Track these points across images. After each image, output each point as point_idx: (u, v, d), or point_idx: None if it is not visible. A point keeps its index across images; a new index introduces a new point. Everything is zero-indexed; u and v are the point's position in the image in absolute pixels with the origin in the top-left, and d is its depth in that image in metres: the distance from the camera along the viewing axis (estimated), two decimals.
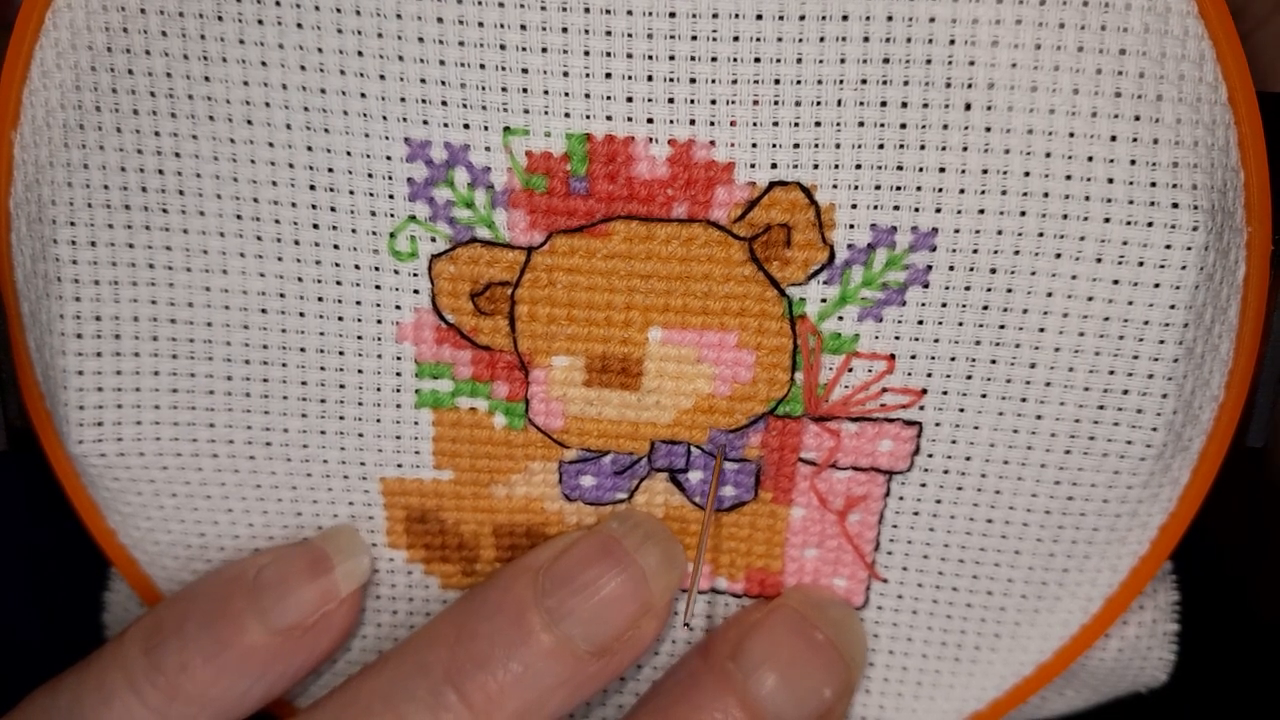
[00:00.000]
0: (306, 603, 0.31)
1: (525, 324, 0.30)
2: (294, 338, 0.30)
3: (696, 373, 0.30)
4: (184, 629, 0.30)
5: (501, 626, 0.30)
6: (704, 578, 0.33)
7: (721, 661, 0.31)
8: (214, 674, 0.30)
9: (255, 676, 0.31)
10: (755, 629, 0.32)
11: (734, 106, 0.27)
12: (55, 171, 0.29)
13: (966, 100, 0.27)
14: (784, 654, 0.31)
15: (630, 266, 0.29)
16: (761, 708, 0.30)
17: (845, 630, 0.32)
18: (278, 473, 0.32)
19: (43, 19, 0.28)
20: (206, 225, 0.29)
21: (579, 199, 0.28)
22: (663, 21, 0.26)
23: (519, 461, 0.32)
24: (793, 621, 0.32)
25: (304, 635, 0.31)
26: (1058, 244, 0.28)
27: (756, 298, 0.29)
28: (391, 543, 0.33)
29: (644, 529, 0.31)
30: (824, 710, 0.31)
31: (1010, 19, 0.26)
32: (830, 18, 0.26)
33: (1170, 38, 0.26)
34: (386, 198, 0.28)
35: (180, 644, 0.30)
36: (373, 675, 0.30)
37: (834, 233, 0.28)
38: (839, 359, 0.30)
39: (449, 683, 0.29)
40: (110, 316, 0.30)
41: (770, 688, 0.31)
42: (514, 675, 0.29)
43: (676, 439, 0.31)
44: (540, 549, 0.32)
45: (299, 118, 0.28)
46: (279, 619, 0.31)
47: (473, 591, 0.32)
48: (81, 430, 0.31)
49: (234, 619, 0.31)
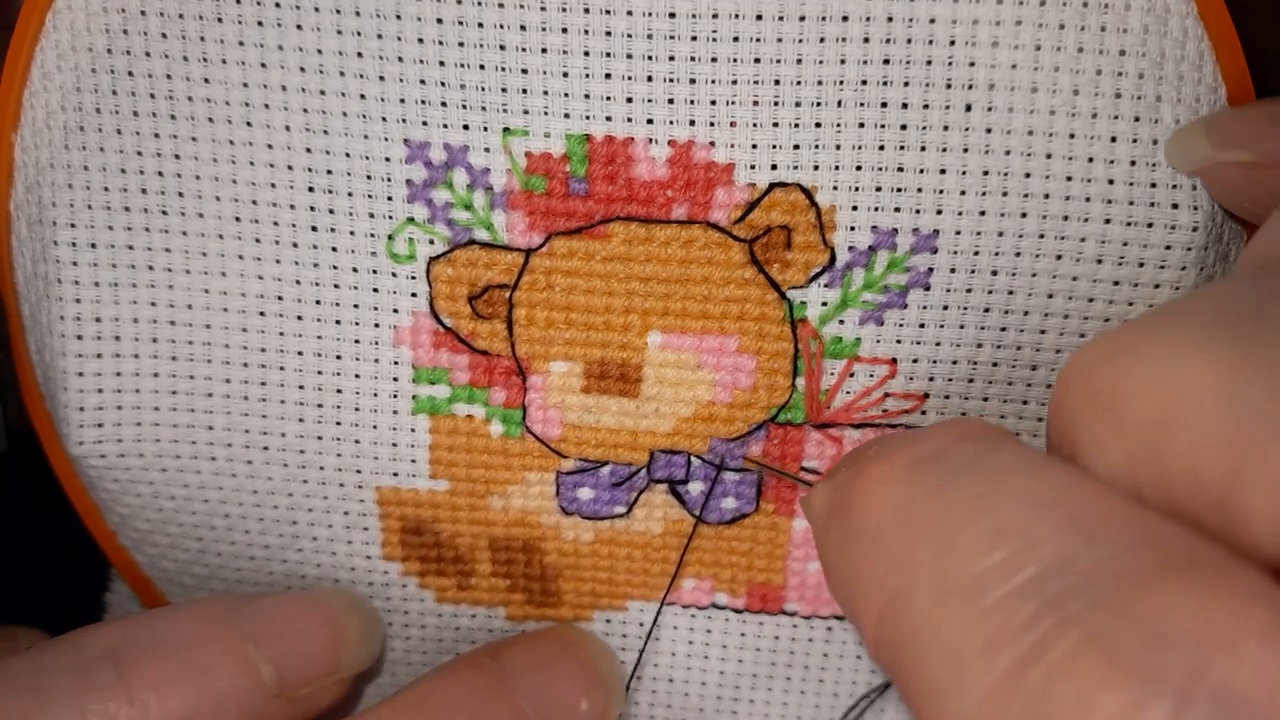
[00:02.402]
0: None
1: (523, 328, 0.29)
2: (292, 340, 0.30)
3: (696, 379, 0.30)
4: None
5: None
6: (704, 594, 0.33)
7: (477, 657, 0.31)
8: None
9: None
10: (517, 639, 0.32)
11: (734, 107, 0.27)
12: (55, 173, 0.29)
13: (967, 101, 0.27)
14: (542, 657, 0.31)
15: (629, 269, 0.29)
16: (514, 697, 0.30)
17: (604, 657, 0.33)
18: (274, 478, 0.32)
19: (43, 21, 0.28)
20: (206, 227, 0.29)
21: (578, 200, 0.28)
22: (663, 22, 0.26)
23: (516, 472, 0.32)
24: (554, 637, 0.32)
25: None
26: (1058, 245, 0.27)
27: (757, 301, 0.29)
28: (386, 554, 0.33)
29: (360, 606, 0.32)
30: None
31: (1010, 20, 0.26)
32: (830, 18, 0.26)
33: (1170, 39, 0.26)
34: (385, 199, 0.28)
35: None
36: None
37: (835, 234, 0.28)
38: (840, 364, 0.29)
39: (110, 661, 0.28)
40: (110, 318, 0.30)
41: (524, 681, 0.30)
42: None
43: (676, 449, 0.31)
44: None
45: (298, 119, 0.28)
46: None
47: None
48: (81, 431, 0.31)
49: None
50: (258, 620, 0.29)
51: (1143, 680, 0.14)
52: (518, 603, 0.33)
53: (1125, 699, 0.14)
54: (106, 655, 0.27)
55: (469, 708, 0.29)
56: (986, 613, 0.16)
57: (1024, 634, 0.15)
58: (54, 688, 0.27)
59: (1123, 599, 0.15)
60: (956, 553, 0.17)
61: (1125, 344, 0.17)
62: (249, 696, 0.28)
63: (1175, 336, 0.17)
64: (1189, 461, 0.16)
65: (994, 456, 0.19)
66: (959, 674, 0.16)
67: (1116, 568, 0.15)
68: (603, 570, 0.33)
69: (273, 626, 0.29)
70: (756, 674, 0.34)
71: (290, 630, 0.30)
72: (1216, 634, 0.14)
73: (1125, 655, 0.14)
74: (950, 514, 0.18)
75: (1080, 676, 0.15)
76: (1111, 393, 0.17)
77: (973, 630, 0.16)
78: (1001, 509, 0.17)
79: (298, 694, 0.29)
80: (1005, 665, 0.15)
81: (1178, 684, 0.14)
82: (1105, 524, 0.16)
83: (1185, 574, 0.15)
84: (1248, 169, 0.25)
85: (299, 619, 0.30)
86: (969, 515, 0.18)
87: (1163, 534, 0.16)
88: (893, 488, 0.19)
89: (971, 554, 0.17)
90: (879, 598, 0.19)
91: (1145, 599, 0.15)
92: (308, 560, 0.33)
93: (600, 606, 0.33)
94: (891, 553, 0.19)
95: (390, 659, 0.34)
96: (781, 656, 0.34)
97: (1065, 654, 0.15)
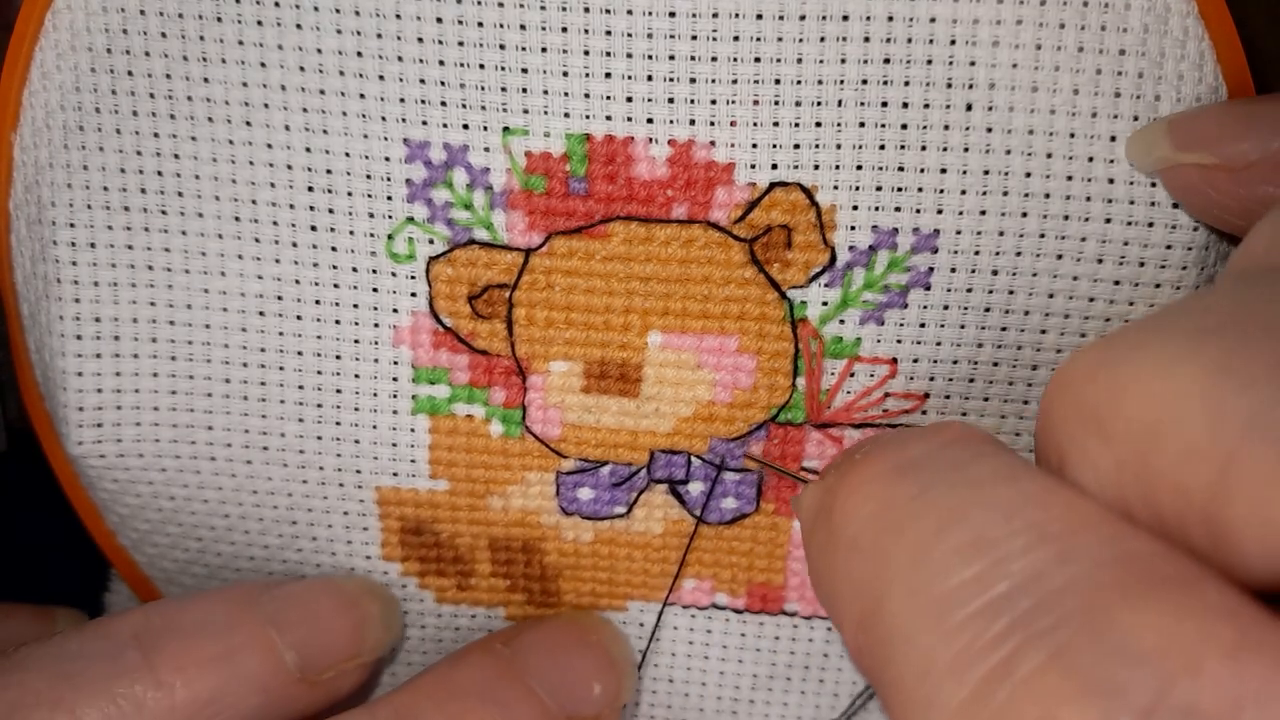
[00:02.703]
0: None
1: (523, 327, 0.29)
2: (292, 340, 0.30)
3: (696, 379, 0.30)
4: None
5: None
6: (704, 594, 0.33)
7: (490, 644, 0.31)
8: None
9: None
10: (530, 624, 0.32)
11: (734, 106, 0.27)
12: (55, 173, 0.29)
13: (967, 101, 0.26)
14: (556, 641, 0.32)
15: (629, 268, 0.28)
16: (527, 681, 0.30)
17: (617, 643, 0.33)
18: (274, 478, 0.32)
19: (42, 20, 0.28)
20: (205, 227, 0.29)
21: (578, 199, 0.28)
22: (662, 21, 0.26)
23: (515, 472, 0.31)
24: (567, 623, 0.32)
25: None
26: (1059, 244, 0.27)
27: (757, 300, 0.29)
28: (386, 555, 0.33)
29: (379, 592, 0.32)
30: (592, 711, 0.31)
31: (1011, 19, 0.26)
32: (830, 17, 0.26)
33: (1170, 39, 0.26)
34: (385, 199, 0.28)
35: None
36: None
37: (835, 234, 0.28)
38: (841, 364, 0.29)
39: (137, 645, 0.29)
40: (110, 318, 0.30)
41: (538, 665, 0.31)
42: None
43: (676, 449, 0.31)
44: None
45: (298, 119, 0.28)
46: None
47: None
48: (81, 431, 0.31)
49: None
50: (281, 606, 0.30)
51: (1106, 698, 0.14)
52: (517, 603, 0.33)
53: (1088, 718, 0.14)
54: (133, 640, 0.28)
55: (484, 692, 0.30)
56: (958, 628, 0.16)
57: (992, 651, 0.16)
58: (84, 672, 0.27)
59: (1090, 617, 0.15)
60: (931, 565, 0.17)
61: (1111, 357, 0.17)
62: (272, 680, 0.29)
63: (1160, 349, 0.17)
64: (1175, 475, 0.16)
65: (975, 465, 0.19)
66: (930, 688, 0.16)
67: (1086, 585, 0.15)
68: (603, 570, 0.33)
69: (295, 612, 0.30)
70: (757, 674, 0.34)
71: (312, 616, 0.30)
72: (1180, 652, 0.14)
73: (1089, 674, 0.14)
74: (927, 523, 0.18)
75: (1044, 695, 0.15)
76: (1098, 406, 0.17)
77: (944, 645, 0.16)
78: (977, 521, 0.17)
79: (320, 678, 0.30)
80: (973, 682, 0.16)
81: (1140, 703, 0.14)
82: (1078, 540, 0.16)
83: (1153, 591, 0.15)
84: (1206, 171, 0.25)
85: (321, 604, 0.31)
86: (945, 525, 0.18)
87: (1135, 550, 0.16)
88: (873, 493, 0.19)
89: (945, 567, 0.17)
90: (858, 604, 0.19)
91: (1112, 617, 0.15)
92: (307, 560, 0.33)
93: (600, 607, 0.33)
94: (869, 559, 0.19)
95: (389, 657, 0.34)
96: (782, 657, 0.34)
97: (1030, 672, 0.15)
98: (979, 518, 0.17)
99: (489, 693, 0.30)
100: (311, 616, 0.30)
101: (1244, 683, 0.14)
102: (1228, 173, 0.25)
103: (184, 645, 0.28)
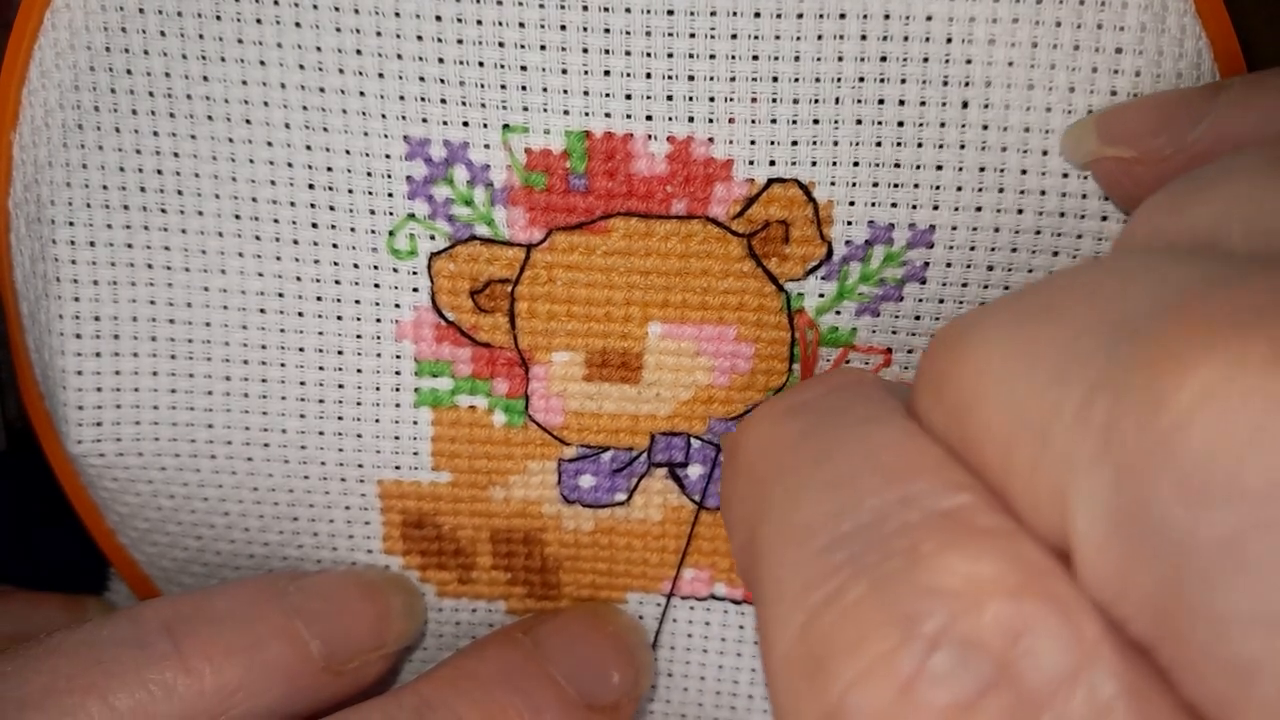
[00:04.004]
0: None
1: (525, 321, 0.30)
2: (293, 337, 0.30)
3: (695, 365, 0.30)
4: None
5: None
6: (703, 584, 0.33)
7: (510, 633, 0.32)
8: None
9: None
10: (548, 615, 0.33)
11: (732, 104, 0.27)
12: (54, 171, 0.29)
13: (964, 98, 0.27)
14: (574, 630, 0.32)
15: (630, 263, 0.29)
16: (548, 669, 0.31)
17: (634, 632, 0.33)
18: (275, 475, 0.32)
19: (41, 19, 0.28)
20: (205, 225, 0.29)
21: (578, 196, 0.28)
22: (661, 19, 0.26)
23: (518, 461, 0.32)
24: (585, 613, 0.33)
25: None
26: (1054, 241, 0.28)
27: (755, 293, 0.29)
28: (388, 549, 0.33)
29: (402, 584, 0.33)
30: (611, 698, 0.31)
31: (1007, 17, 0.26)
32: (828, 15, 0.26)
33: (1167, 37, 0.26)
34: (385, 196, 0.28)
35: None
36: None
37: (832, 229, 0.28)
38: (836, 352, 0.30)
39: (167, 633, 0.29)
40: (109, 316, 0.30)
41: (558, 654, 0.31)
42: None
43: (676, 430, 0.31)
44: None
45: (298, 117, 0.28)
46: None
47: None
48: (80, 430, 0.31)
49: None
50: (306, 597, 0.30)
51: (905, 626, 0.16)
52: (518, 596, 0.34)
53: (889, 641, 0.16)
54: (163, 628, 0.29)
55: (507, 680, 0.30)
56: (809, 558, 0.18)
57: (828, 580, 0.17)
58: (115, 658, 0.28)
59: (913, 558, 0.17)
60: (799, 498, 0.19)
61: (959, 327, 0.19)
62: (298, 669, 0.30)
63: (990, 326, 0.18)
64: (976, 449, 0.18)
65: (854, 409, 0.21)
66: (783, 610, 0.18)
67: (916, 529, 0.17)
68: (602, 562, 0.33)
69: (320, 603, 0.31)
70: (755, 669, 0.34)
71: (337, 607, 0.31)
72: (972, 592, 0.16)
73: (896, 605, 0.17)
74: (803, 458, 0.20)
75: (859, 620, 0.17)
76: (939, 373, 0.19)
77: (796, 572, 0.18)
78: (841, 461, 0.19)
79: (344, 668, 0.30)
80: (810, 607, 0.17)
81: (931, 630, 0.16)
82: (919, 486, 0.18)
83: (967, 540, 0.17)
84: (1128, 164, 0.26)
85: (346, 596, 0.31)
86: (816, 462, 0.20)
87: (962, 502, 0.18)
88: (765, 429, 0.21)
89: (809, 501, 0.19)
90: (743, 528, 0.21)
91: (930, 559, 0.17)
92: (308, 556, 0.33)
93: (600, 599, 0.34)
94: (754, 488, 0.21)
95: None
96: None
97: (853, 600, 0.17)
98: (845, 458, 0.19)
99: (512, 680, 0.30)
100: (336, 607, 0.31)
101: (1021, 620, 0.16)
102: (1145, 166, 0.25)
103: (212, 634, 0.29)
